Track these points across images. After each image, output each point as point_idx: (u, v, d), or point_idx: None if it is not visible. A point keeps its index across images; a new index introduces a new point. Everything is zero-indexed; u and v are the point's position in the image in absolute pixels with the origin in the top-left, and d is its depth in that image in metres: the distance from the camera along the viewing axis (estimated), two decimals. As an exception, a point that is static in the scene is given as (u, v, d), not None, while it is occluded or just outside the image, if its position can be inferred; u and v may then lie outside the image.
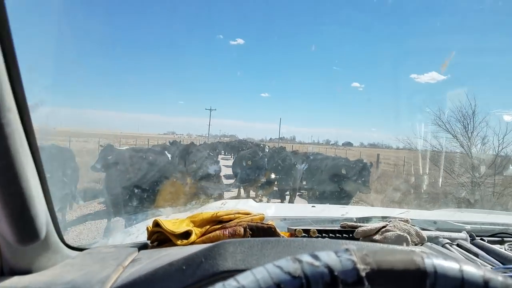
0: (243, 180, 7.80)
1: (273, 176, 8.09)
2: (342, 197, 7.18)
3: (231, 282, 0.31)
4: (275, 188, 8.37)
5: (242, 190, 8.40)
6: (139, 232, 1.02)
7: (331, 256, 0.32)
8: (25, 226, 0.40)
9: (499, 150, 8.22)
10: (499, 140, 8.27)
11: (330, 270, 0.30)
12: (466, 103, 8.85)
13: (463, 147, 8.68)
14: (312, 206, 1.71)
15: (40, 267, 0.66)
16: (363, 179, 7.22)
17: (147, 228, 0.91)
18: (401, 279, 0.30)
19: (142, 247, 0.84)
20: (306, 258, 0.32)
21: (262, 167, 8.01)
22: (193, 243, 0.86)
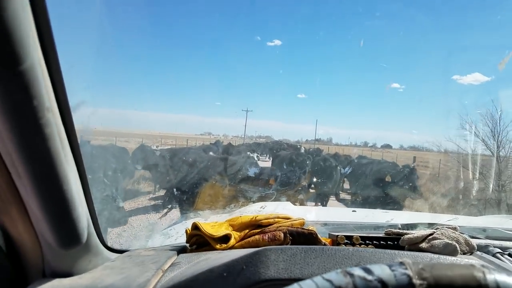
0: (283, 184, 7.77)
1: (314, 179, 7.98)
2: (387, 203, 6.97)
3: None
4: (316, 192, 8.26)
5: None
6: (178, 235, 1.01)
7: (385, 270, 0.29)
8: (67, 230, 0.39)
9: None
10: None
11: (384, 285, 0.28)
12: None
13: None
14: (353, 211, 1.63)
15: (81, 269, 0.66)
16: (410, 184, 6.98)
17: (186, 231, 0.90)
18: None
19: (181, 250, 0.83)
20: (358, 271, 0.29)
21: (303, 169, 7.92)
22: (232, 247, 0.84)
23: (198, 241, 0.87)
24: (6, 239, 0.61)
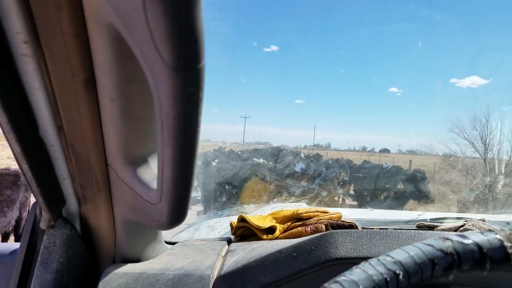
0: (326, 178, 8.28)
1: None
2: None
3: (385, 257, 0.32)
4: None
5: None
6: (222, 228, 1.06)
7: (479, 235, 0.33)
8: (184, 208, 0.44)
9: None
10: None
11: (480, 247, 0.32)
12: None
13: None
14: (370, 210, 1.68)
15: (147, 256, 0.70)
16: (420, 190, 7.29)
17: (231, 224, 0.94)
18: None
19: (229, 241, 0.87)
20: (456, 237, 0.33)
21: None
22: (277, 238, 0.88)
23: (244, 233, 0.91)
24: (84, 227, 0.65)
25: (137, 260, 0.68)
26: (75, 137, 0.50)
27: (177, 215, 0.44)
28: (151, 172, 0.49)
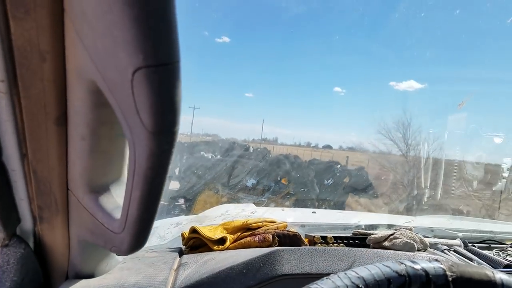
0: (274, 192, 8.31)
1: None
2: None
3: (351, 273, 0.40)
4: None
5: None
6: (173, 237, 1.09)
7: (427, 263, 0.42)
8: (145, 235, 0.48)
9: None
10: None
11: (426, 273, 0.40)
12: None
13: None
14: (313, 212, 1.81)
15: (100, 271, 0.72)
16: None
17: (182, 234, 0.98)
18: (477, 286, 0.41)
19: (180, 252, 0.91)
20: (408, 262, 0.42)
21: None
22: (227, 248, 0.94)
23: (195, 243, 0.96)
24: (38, 245, 0.66)
25: (90, 275, 0.70)
26: (39, 164, 0.52)
27: (137, 244, 0.48)
28: (113, 201, 0.52)
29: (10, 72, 0.41)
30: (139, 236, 0.46)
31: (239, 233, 1.00)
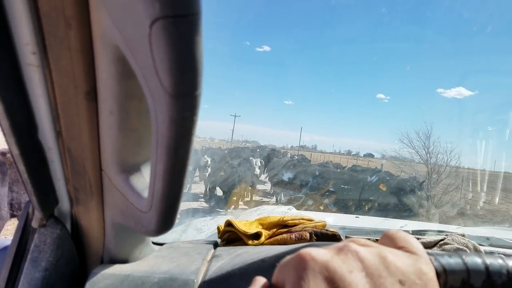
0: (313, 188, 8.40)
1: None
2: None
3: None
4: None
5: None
6: (209, 230, 1.08)
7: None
8: (173, 217, 0.46)
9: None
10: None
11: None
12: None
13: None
14: (356, 217, 1.72)
15: (135, 258, 0.72)
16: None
17: (218, 227, 0.97)
18: None
19: (215, 244, 0.89)
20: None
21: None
22: (262, 244, 0.91)
23: (230, 237, 0.94)
24: (75, 227, 0.67)
25: (124, 261, 0.70)
26: (72, 142, 0.52)
27: (164, 224, 0.46)
28: (143, 181, 0.51)
29: (41, 44, 0.41)
30: (166, 215, 0.44)
31: (274, 229, 0.96)
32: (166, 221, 0.46)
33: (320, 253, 0.28)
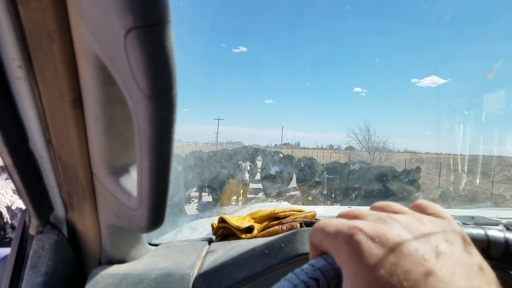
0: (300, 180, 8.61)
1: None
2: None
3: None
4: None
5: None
6: (204, 229, 1.11)
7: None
8: (162, 213, 0.49)
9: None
10: None
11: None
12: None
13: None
14: (349, 207, 1.76)
15: (131, 258, 0.75)
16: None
17: (212, 225, 1.00)
18: None
19: (210, 241, 0.92)
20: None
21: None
22: (255, 237, 0.94)
23: (224, 233, 0.97)
24: (71, 232, 0.69)
25: (122, 261, 0.73)
26: (63, 150, 0.55)
27: (155, 219, 0.49)
28: (132, 180, 0.54)
29: (26, 58, 0.44)
30: (155, 210, 0.47)
31: (266, 222, 0.99)
32: (156, 216, 0.49)
33: (366, 224, 0.30)
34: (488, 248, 0.35)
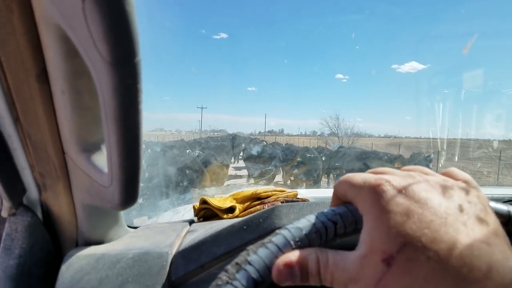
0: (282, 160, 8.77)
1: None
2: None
3: (328, 211, 0.37)
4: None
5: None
6: (186, 211, 1.11)
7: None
8: (134, 190, 0.48)
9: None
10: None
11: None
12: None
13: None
14: (330, 189, 1.79)
15: (109, 239, 0.74)
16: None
17: (194, 207, 1.00)
18: None
19: (191, 222, 0.92)
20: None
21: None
22: (236, 217, 0.94)
23: (206, 214, 0.97)
24: (46, 213, 0.68)
25: (99, 242, 0.72)
26: (31, 128, 0.53)
27: (127, 196, 0.48)
28: (103, 157, 0.53)
29: (-16, 30, 0.42)
30: (127, 187, 0.47)
31: (248, 203, 1.00)
32: (128, 193, 0.48)
33: (394, 178, 0.31)
34: (508, 223, 0.36)
